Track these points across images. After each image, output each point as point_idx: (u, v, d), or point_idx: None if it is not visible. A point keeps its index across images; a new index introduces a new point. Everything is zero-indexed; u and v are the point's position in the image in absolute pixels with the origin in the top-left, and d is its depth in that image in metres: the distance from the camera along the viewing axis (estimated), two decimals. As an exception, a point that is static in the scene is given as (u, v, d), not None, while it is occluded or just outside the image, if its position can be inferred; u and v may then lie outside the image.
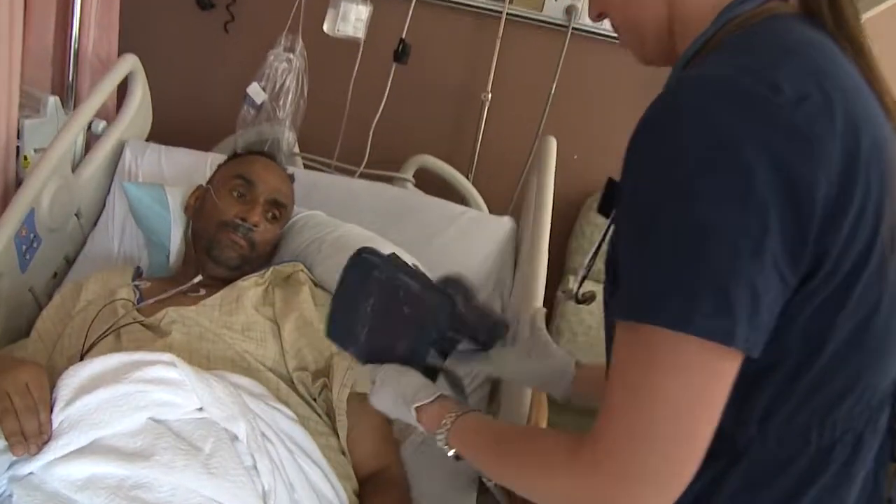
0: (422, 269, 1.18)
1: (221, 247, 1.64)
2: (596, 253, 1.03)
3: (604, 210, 0.96)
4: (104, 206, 1.96)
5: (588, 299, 1.08)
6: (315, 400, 1.46)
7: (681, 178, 0.74)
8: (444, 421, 1.01)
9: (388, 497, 1.41)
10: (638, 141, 0.78)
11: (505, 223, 1.97)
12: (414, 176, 2.25)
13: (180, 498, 1.12)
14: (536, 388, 1.34)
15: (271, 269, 1.65)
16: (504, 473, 0.94)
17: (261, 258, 1.69)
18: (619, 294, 0.80)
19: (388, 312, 1.10)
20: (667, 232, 0.74)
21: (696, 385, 0.75)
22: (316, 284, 1.68)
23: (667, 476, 0.76)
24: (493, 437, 0.96)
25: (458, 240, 1.92)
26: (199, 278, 1.60)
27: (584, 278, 1.06)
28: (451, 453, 1.00)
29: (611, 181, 0.94)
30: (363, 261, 1.13)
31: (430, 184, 2.22)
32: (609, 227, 0.97)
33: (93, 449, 1.15)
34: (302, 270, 1.68)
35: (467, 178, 2.31)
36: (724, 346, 0.73)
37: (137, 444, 1.16)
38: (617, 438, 0.77)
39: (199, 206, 1.73)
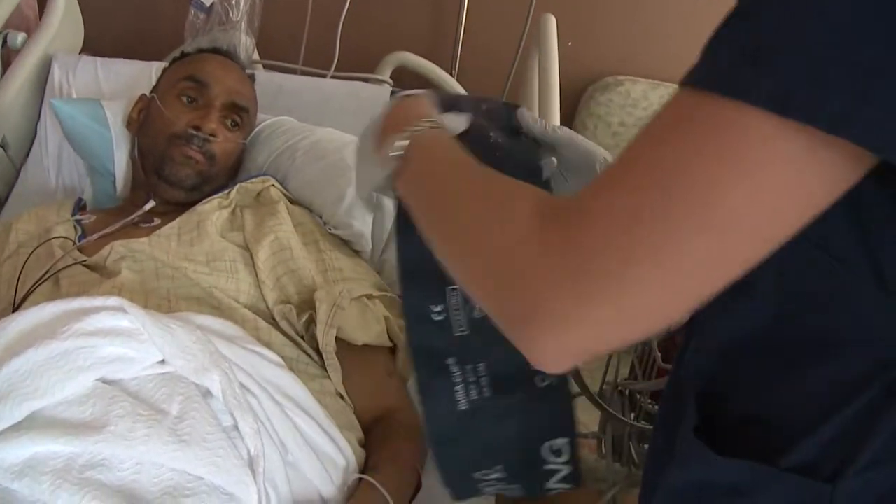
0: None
1: (174, 164, 1.38)
2: None
3: None
4: (35, 134, 1.69)
5: None
6: (303, 338, 1.23)
7: None
8: (415, 126, 0.73)
9: (399, 444, 1.19)
10: None
11: (503, 116, 1.73)
12: (391, 76, 2.03)
13: (147, 475, 0.90)
14: None
15: (237, 186, 1.40)
16: (445, 216, 0.66)
17: (222, 175, 1.43)
18: None
19: None
20: None
21: (773, 183, 0.48)
22: (292, 201, 1.43)
23: (651, 299, 0.51)
24: (457, 165, 0.68)
25: (450, 140, 1.67)
26: (150, 204, 1.35)
27: None
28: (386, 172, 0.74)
29: None
30: None
31: (410, 84, 1.99)
32: None
33: (30, 424, 0.91)
34: (273, 185, 1.43)
35: (451, 74, 2.10)
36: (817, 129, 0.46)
37: (86, 413, 0.93)
38: (605, 219, 0.51)
39: (143, 118, 1.46)
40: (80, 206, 1.45)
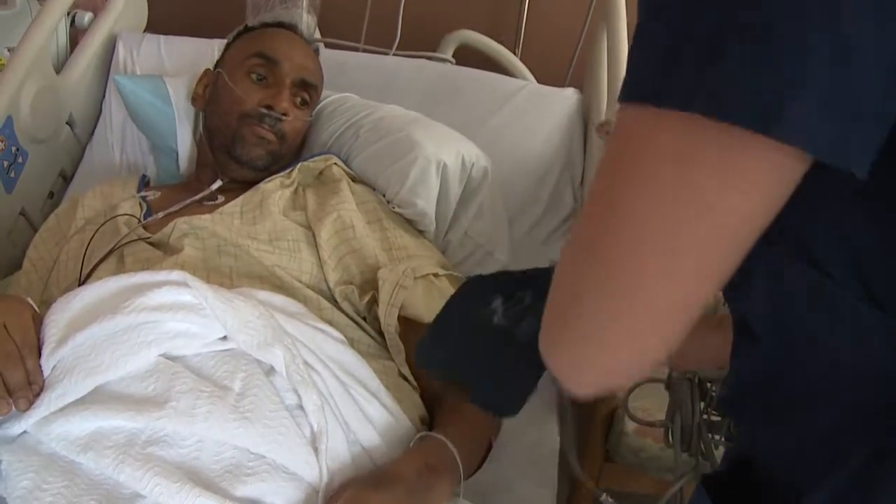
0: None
1: (246, 143, 1.35)
2: None
3: None
4: (100, 112, 1.70)
5: None
6: (365, 319, 1.20)
7: None
8: None
9: (468, 414, 1.12)
10: None
11: (569, 95, 1.71)
12: (454, 55, 1.98)
13: (208, 453, 0.89)
14: None
15: (298, 165, 1.37)
16: None
17: (290, 153, 1.41)
18: None
19: None
20: None
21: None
22: (354, 180, 1.41)
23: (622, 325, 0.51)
24: None
25: (516, 119, 1.65)
26: (218, 184, 1.33)
27: None
28: None
29: None
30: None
31: (473, 63, 1.95)
32: None
33: (94, 398, 0.91)
34: (335, 164, 1.40)
35: (514, 53, 2.05)
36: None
37: (149, 388, 0.92)
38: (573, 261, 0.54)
39: (210, 95, 1.44)
40: (144, 183, 1.45)
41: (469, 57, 1.98)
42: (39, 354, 0.94)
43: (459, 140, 1.45)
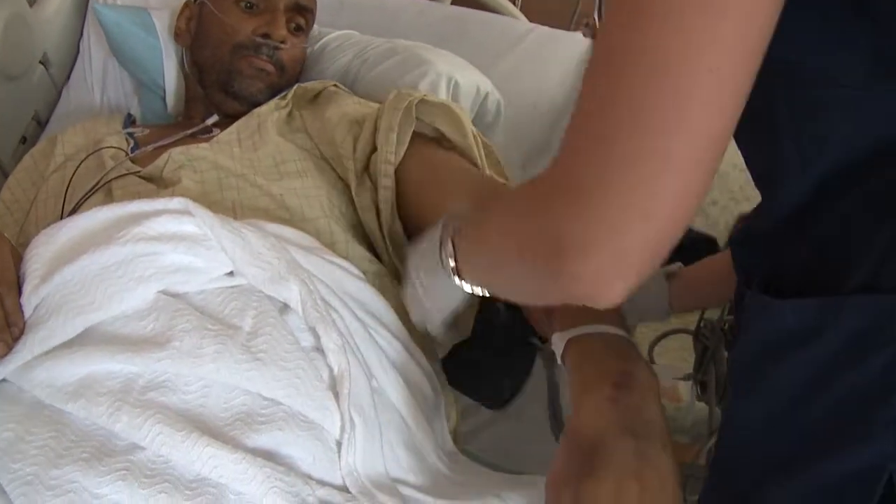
0: None
1: (243, 77, 1.24)
2: None
3: None
4: (78, 51, 1.58)
5: None
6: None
7: None
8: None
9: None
10: None
11: (580, 39, 1.64)
12: (453, 4, 1.87)
13: (216, 399, 0.78)
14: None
15: (294, 87, 1.27)
16: (480, 259, 0.73)
17: (289, 86, 1.30)
18: None
19: None
20: None
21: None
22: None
23: (649, 199, 0.50)
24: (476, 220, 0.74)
25: (526, 62, 1.57)
26: (213, 119, 1.22)
27: None
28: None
29: None
30: None
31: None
32: None
33: (85, 340, 0.80)
34: (335, 85, 1.30)
35: (513, 2, 1.93)
36: None
37: (147, 328, 0.81)
38: (579, 147, 0.54)
39: (196, 29, 1.32)
40: (130, 121, 1.34)
41: (466, 4, 1.89)
42: (20, 292, 0.83)
43: (474, 70, 1.36)
